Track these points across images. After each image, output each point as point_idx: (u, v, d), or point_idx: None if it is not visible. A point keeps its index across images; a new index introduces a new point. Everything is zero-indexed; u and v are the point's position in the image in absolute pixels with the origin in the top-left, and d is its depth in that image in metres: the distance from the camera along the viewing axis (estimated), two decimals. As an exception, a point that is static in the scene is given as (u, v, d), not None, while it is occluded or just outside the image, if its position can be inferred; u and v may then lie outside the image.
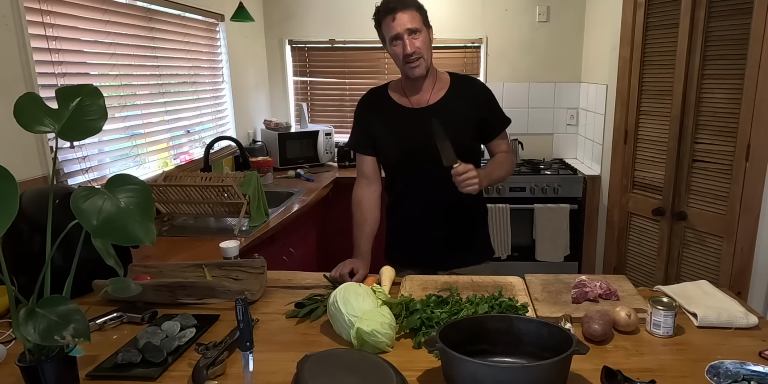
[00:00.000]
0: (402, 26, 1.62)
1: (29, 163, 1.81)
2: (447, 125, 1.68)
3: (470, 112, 1.74)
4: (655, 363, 1.14)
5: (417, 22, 1.64)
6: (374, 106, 1.82)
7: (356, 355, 1.11)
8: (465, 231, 1.84)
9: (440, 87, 1.76)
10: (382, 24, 1.66)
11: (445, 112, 1.72)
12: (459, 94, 1.76)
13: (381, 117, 1.79)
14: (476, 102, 1.76)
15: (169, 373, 1.12)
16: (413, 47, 1.63)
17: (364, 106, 1.84)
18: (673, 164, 2.51)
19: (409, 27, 1.62)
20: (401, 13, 1.61)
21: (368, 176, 1.85)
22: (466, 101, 1.75)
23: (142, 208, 0.98)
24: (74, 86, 1.04)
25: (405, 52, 1.63)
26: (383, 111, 1.79)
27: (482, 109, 1.76)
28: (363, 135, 1.83)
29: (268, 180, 3.23)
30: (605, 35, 3.14)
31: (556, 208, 3.26)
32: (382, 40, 1.71)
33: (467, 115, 1.74)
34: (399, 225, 1.88)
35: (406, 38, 1.62)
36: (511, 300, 1.31)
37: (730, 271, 2.28)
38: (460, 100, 1.75)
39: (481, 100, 1.77)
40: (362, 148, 1.85)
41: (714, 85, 2.30)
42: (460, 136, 1.71)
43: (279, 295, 1.51)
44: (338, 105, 4.04)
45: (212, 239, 2.06)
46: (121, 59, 2.31)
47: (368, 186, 1.84)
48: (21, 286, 1.28)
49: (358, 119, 1.85)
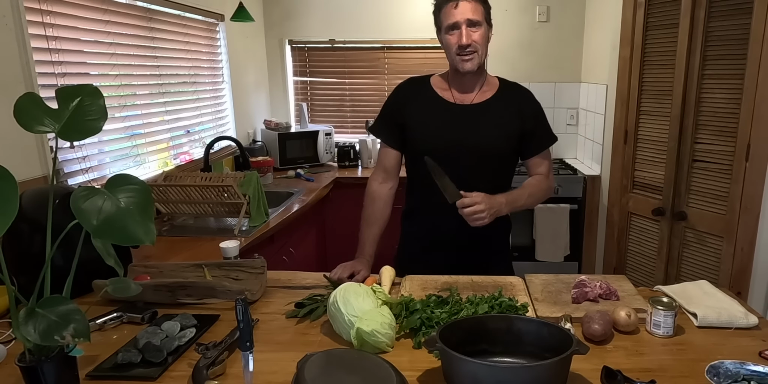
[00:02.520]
0: (463, 15, 1.53)
1: (29, 163, 1.81)
2: (488, 127, 1.63)
3: (514, 121, 1.65)
4: (655, 363, 1.14)
5: (479, 14, 1.55)
6: (413, 94, 1.71)
7: (356, 355, 1.10)
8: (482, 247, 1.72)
9: (487, 89, 1.68)
10: (442, 10, 1.57)
11: (489, 113, 1.64)
12: (506, 100, 1.67)
13: (418, 105, 1.68)
14: (522, 112, 1.66)
15: (169, 373, 1.11)
16: (470, 39, 1.54)
17: (402, 91, 1.74)
18: (673, 164, 2.51)
19: (470, 17, 1.53)
20: (465, 1, 1.54)
21: (388, 170, 1.76)
22: (512, 109, 1.66)
23: (142, 208, 0.98)
24: (74, 86, 1.04)
25: (460, 43, 1.55)
26: (422, 100, 1.68)
27: (528, 121, 1.66)
28: (391, 125, 1.73)
29: (268, 180, 3.23)
30: (605, 35, 3.14)
31: (556, 208, 3.25)
32: (438, 27, 1.62)
33: (510, 122, 1.65)
34: (415, 231, 1.78)
35: (464, 29, 1.54)
36: (511, 300, 1.30)
37: (730, 271, 2.28)
38: (506, 106, 1.66)
39: (529, 111, 1.68)
40: (387, 139, 1.75)
41: (714, 85, 2.30)
42: (498, 141, 1.64)
43: (279, 295, 1.51)
44: (338, 105, 4.04)
45: (212, 239, 2.06)
46: (121, 59, 2.31)
47: (385, 182, 1.77)
48: (21, 286, 1.29)
49: (391, 105, 1.74)
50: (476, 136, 1.64)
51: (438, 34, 1.64)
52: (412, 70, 3.76)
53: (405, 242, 1.84)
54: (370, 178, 1.80)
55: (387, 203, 1.77)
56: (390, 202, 1.78)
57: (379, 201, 1.76)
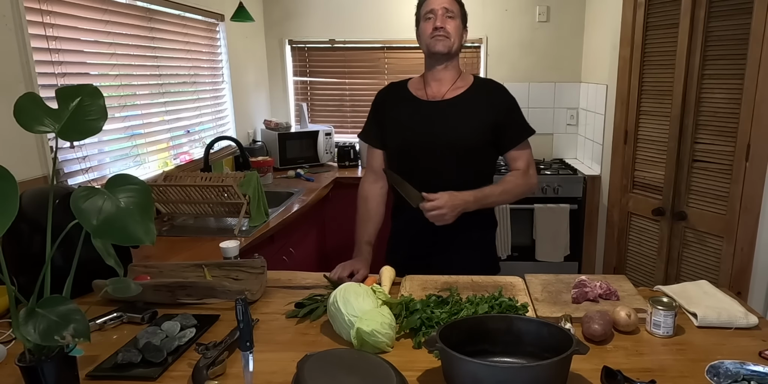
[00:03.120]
0: (439, 4, 1.66)
1: (29, 163, 1.81)
2: (458, 122, 1.69)
3: (485, 113, 1.70)
4: (655, 363, 1.14)
5: (455, 8, 1.69)
6: (390, 97, 1.82)
7: (356, 355, 1.10)
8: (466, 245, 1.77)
9: (461, 85, 1.74)
10: (423, 3, 1.71)
11: (459, 108, 1.70)
12: (478, 95, 1.72)
13: (394, 107, 1.78)
14: (494, 104, 1.71)
15: (169, 373, 1.11)
16: (443, 23, 1.66)
17: (381, 96, 1.85)
18: (673, 164, 2.51)
19: (446, 6, 1.66)
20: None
21: (377, 171, 1.83)
22: (484, 102, 1.71)
23: (142, 208, 0.98)
24: (74, 86, 1.04)
25: (435, 25, 1.66)
26: (398, 102, 1.78)
27: (501, 114, 1.71)
28: (374, 127, 1.83)
29: (268, 180, 3.23)
30: (605, 35, 3.14)
31: (556, 208, 3.26)
32: (417, 21, 1.74)
33: (481, 115, 1.70)
34: (401, 226, 1.84)
35: (440, 14, 1.66)
36: (511, 300, 1.31)
37: (730, 271, 2.28)
38: (477, 99, 1.71)
39: (501, 104, 1.72)
40: (371, 140, 1.85)
41: (714, 85, 2.30)
42: (469, 135, 1.68)
43: (279, 295, 1.51)
44: (338, 105, 4.04)
45: (212, 239, 2.06)
46: (121, 59, 2.31)
47: (375, 182, 1.83)
48: (21, 286, 1.29)
49: (373, 109, 1.86)
50: (446, 130, 1.69)
51: (416, 30, 1.75)
52: (412, 70, 3.76)
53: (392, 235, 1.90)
54: (362, 179, 1.87)
55: (379, 202, 1.82)
56: (382, 201, 1.83)
57: (371, 200, 1.81)
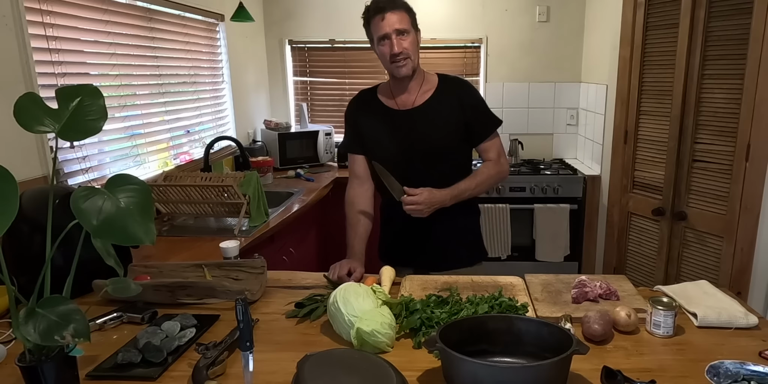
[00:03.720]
0: (391, 26, 1.62)
1: (29, 163, 1.81)
2: (432, 127, 1.72)
3: (455, 113, 1.73)
4: (655, 363, 1.14)
5: (406, 23, 1.65)
6: (363, 108, 1.84)
7: (356, 355, 1.11)
8: (453, 232, 1.82)
9: (427, 88, 1.76)
10: (371, 23, 1.67)
11: (430, 114, 1.73)
12: (445, 95, 1.75)
13: (369, 119, 1.80)
14: (461, 103, 1.74)
15: (169, 373, 1.12)
16: (401, 47, 1.64)
17: (353, 106, 1.87)
18: (673, 164, 2.51)
19: (397, 27, 1.63)
20: (390, 13, 1.62)
21: (360, 176, 1.85)
22: (451, 103, 1.73)
23: (142, 208, 0.98)
24: (74, 86, 1.04)
25: (392, 52, 1.64)
26: (371, 113, 1.80)
27: (468, 111, 1.74)
28: (353, 135, 1.85)
29: (268, 180, 3.22)
30: (605, 35, 3.14)
31: (556, 208, 3.26)
32: (370, 39, 1.72)
33: (452, 117, 1.73)
34: (389, 226, 1.90)
35: (394, 38, 1.63)
36: (511, 300, 1.31)
37: (730, 271, 2.28)
38: (445, 101, 1.74)
39: (466, 101, 1.75)
40: (353, 148, 1.87)
41: (714, 85, 2.30)
42: (444, 138, 1.73)
43: (279, 295, 1.51)
44: (338, 105, 4.04)
45: (212, 239, 2.06)
46: (121, 59, 2.31)
47: (360, 186, 1.85)
48: (21, 286, 1.28)
49: (348, 120, 1.88)
50: (422, 137, 1.73)
51: (371, 46, 1.74)
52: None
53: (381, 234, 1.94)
54: (347, 186, 1.89)
55: (366, 205, 1.83)
56: (369, 204, 1.84)
57: (358, 204, 1.83)
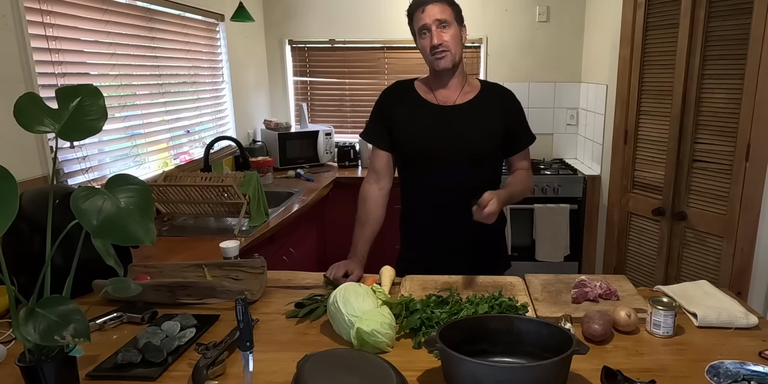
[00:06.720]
0: (431, 17, 1.60)
1: (29, 163, 1.81)
2: (471, 128, 1.67)
3: (497, 120, 1.70)
4: (655, 363, 1.14)
5: (447, 14, 1.62)
6: (398, 97, 1.76)
7: (356, 355, 1.10)
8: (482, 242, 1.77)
9: (469, 90, 1.73)
10: (414, 17, 1.65)
11: (472, 114, 1.69)
12: (488, 100, 1.72)
13: (403, 109, 1.73)
14: (505, 112, 1.72)
15: (169, 373, 1.11)
16: (440, 39, 1.60)
17: (388, 95, 1.79)
18: (673, 164, 2.51)
19: (437, 18, 1.60)
20: (432, 5, 1.61)
21: (378, 172, 1.79)
22: (495, 108, 1.71)
23: (142, 208, 0.98)
24: (74, 86, 1.04)
25: (432, 43, 1.61)
26: (406, 103, 1.73)
27: (510, 120, 1.72)
28: (380, 127, 1.77)
29: (268, 180, 3.23)
30: (605, 35, 3.14)
31: (556, 208, 3.26)
32: (413, 34, 1.69)
33: (494, 121, 1.70)
34: (413, 234, 1.83)
35: (434, 30, 1.60)
36: (511, 300, 1.31)
37: (730, 271, 2.28)
38: (488, 106, 1.71)
39: (511, 111, 1.73)
40: (376, 141, 1.79)
41: (714, 85, 2.30)
42: (482, 140, 1.69)
43: (279, 295, 1.51)
44: (338, 105, 4.04)
45: (212, 239, 2.06)
46: (121, 59, 2.31)
47: (376, 182, 1.79)
48: (21, 286, 1.29)
49: (378, 109, 1.79)
50: (462, 136, 1.68)
51: (415, 42, 1.71)
52: (412, 70, 3.76)
53: (405, 246, 1.86)
54: (364, 180, 1.83)
55: (378, 204, 1.78)
56: (382, 203, 1.79)
57: (370, 202, 1.78)
